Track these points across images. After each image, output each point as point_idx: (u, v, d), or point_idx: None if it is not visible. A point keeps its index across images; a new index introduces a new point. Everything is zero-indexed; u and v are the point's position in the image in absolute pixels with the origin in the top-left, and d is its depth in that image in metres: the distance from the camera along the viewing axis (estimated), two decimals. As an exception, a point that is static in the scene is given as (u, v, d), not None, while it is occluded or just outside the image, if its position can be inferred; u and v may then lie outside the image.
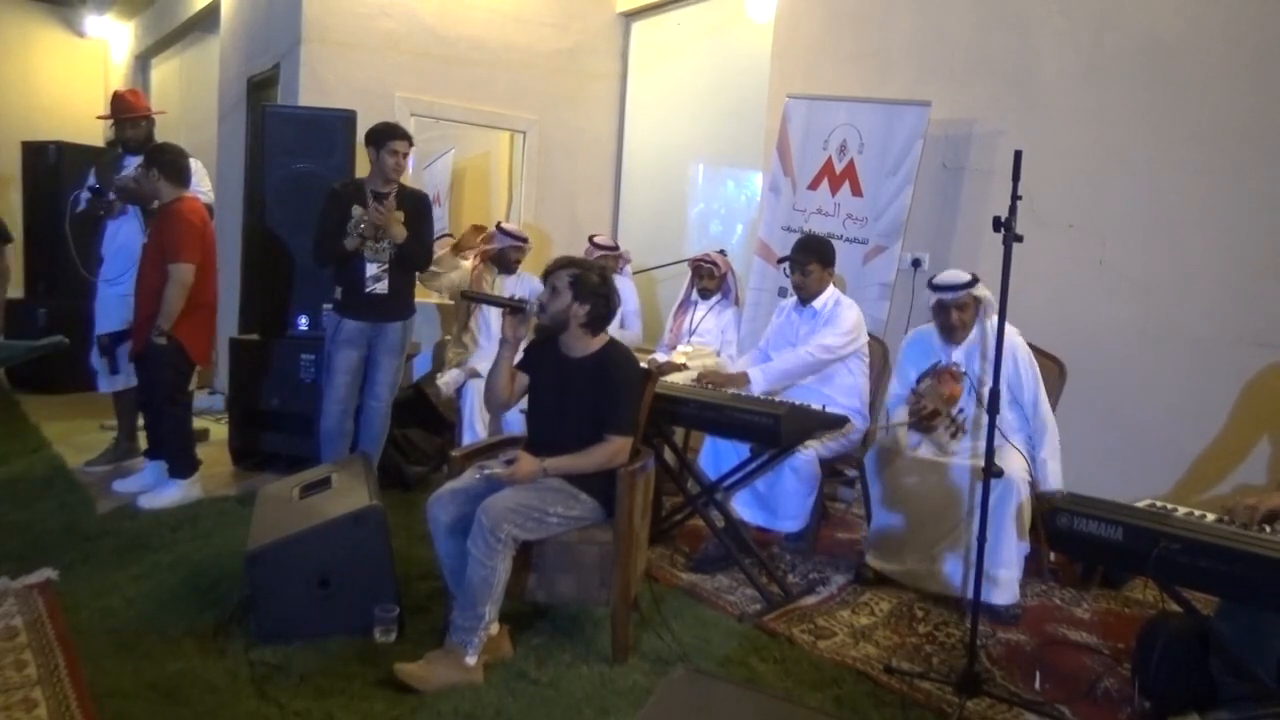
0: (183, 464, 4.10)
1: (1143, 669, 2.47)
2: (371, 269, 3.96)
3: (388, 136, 3.91)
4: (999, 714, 2.60)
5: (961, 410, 3.23)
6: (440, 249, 4.80)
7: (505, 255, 4.82)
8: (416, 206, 4.04)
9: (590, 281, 2.80)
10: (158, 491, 4.05)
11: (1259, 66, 3.55)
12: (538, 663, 2.73)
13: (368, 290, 3.97)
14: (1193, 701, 2.37)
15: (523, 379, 2.96)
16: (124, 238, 4.49)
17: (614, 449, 2.74)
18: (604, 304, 2.82)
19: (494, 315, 4.87)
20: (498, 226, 4.91)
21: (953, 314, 3.40)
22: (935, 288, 3.43)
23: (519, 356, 3.01)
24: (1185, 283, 3.73)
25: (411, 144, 4.02)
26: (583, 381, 2.81)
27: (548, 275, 2.88)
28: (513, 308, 2.91)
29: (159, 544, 3.56)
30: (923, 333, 3.63)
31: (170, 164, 4.01)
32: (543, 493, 2.69)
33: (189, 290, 3.92)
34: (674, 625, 2.99)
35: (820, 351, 3.70)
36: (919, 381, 3.51)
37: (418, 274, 4.25)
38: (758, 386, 3.66)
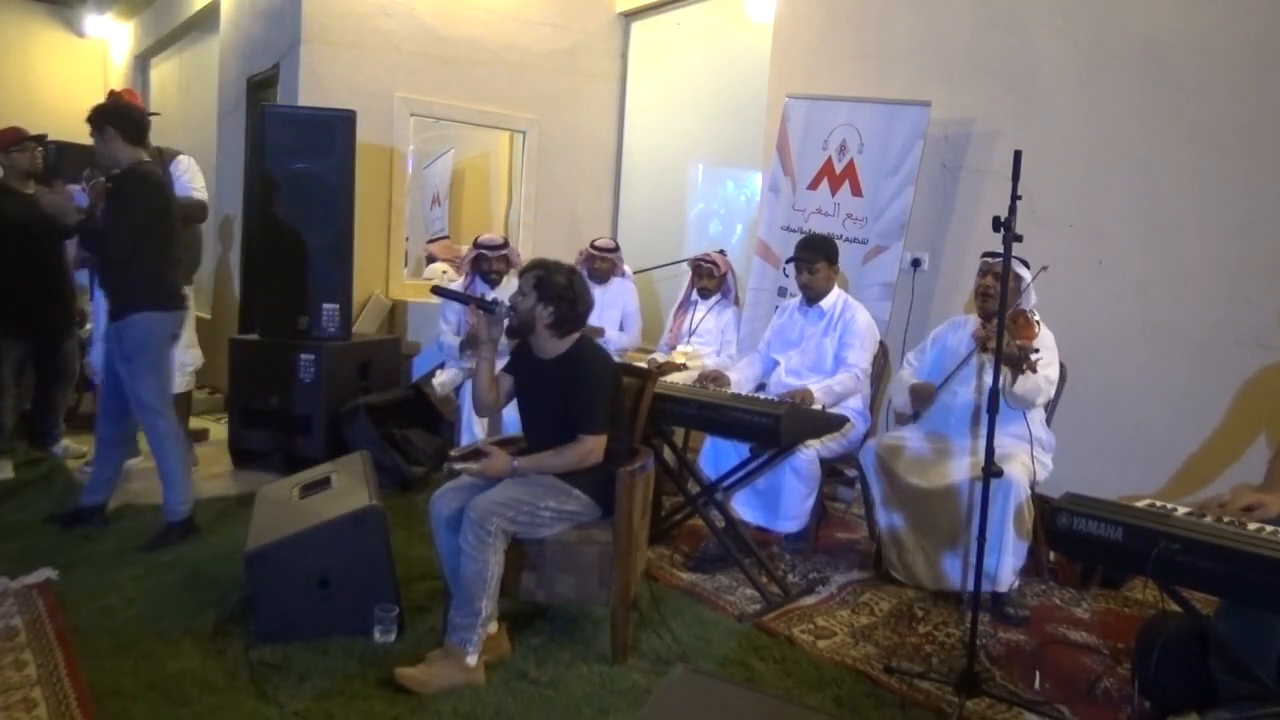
0: None
1: (1142, 669, 2.46)
2: None
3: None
4: (999, 714, 2.60)
5: (1037, 351, 3.19)
6: (445, 253, 4.76)
7: (479, 265, 4.63)
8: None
9: (555, 284, 2.77)
10: None
11: (1257, 66, 3.55)
12: (537, 663, 2.73)
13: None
14: (1192, 701, 2.37)
15: (507, 381, 2.95)
16: None
17: (586, 448, 2.72)
18: (569, 307, 2.78)
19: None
20: (474, 241, 4.71)
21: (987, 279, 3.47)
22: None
23: (506, 359, 3.01)
24: (1184, 283, 3.73)
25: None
26: (551, 383, 2.81)
27: (520, 276, 2.88)
28: (480, 306, 2.88)
29: (158, 544, 3.56)
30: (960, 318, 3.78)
31: None
32: (533, 488, 2.70)
33: None
34: (673, 625, 2.99)
35: (862, 374, 3.76)
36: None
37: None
38: (821, 403, 3.61)
